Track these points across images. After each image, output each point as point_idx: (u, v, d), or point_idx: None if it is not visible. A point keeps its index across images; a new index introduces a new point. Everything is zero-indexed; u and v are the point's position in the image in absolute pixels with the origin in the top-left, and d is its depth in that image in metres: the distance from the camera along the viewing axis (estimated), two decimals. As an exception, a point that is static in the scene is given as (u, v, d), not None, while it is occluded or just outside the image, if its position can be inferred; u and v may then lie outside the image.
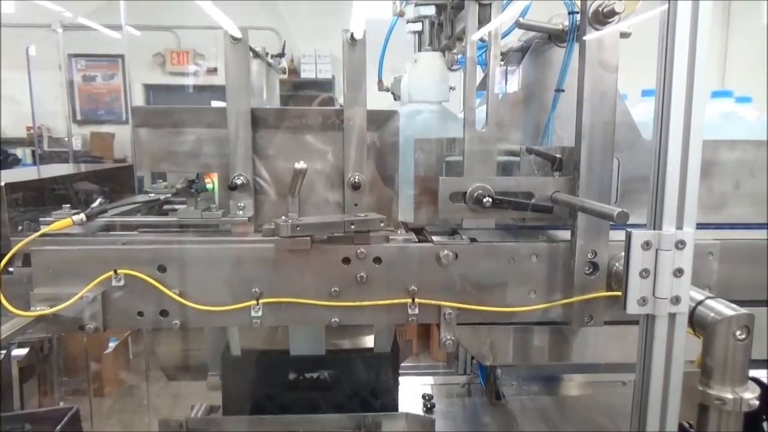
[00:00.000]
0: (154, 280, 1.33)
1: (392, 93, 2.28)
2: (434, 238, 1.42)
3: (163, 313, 1.36)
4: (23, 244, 1.33)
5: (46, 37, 5.88)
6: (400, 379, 2.39)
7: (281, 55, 2.16)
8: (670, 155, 1.01)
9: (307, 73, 7.49)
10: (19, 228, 1.41)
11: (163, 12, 7.18)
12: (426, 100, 1.73)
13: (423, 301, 1.37)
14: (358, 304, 1.37)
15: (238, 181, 1.42)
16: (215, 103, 1.62)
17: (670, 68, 0.99)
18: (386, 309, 1.38)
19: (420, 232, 1.50)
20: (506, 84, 1.72)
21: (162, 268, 1.34)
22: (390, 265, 1.37)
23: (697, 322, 1.09)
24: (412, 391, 2.48)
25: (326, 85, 7.47)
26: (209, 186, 1.48)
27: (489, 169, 1.39)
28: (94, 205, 1.49)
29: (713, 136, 1.51)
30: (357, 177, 1.44)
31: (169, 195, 1.76)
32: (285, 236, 1.29)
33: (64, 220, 1.36)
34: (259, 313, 1.35)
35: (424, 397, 2.39)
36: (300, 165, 1.28)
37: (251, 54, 1.66)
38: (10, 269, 1.35)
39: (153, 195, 1.81)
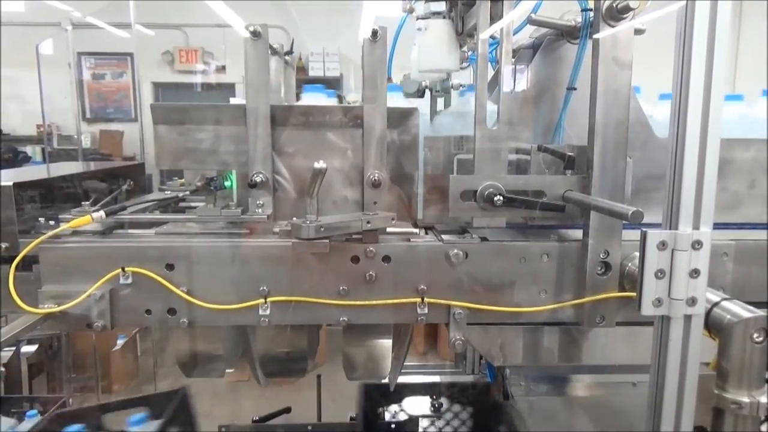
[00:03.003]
0: (161, 278, 1.33)
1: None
2: (444, 236, 1.41)
3: (171, 311, 1.35)
4: (44, 238, 1.32)
5: (55, 36, 5.90)
6: (408, 378, 2.38)
7: (290, 52, 2.15)
8: (687, 154, 0.98)
9: (315, 71, 7.50)
10: (36, 223, 1.41)
11: (171, 10, 7.21)
12: (435, 69, 1.70)
13: (432, 300, 1.36)
14: (367, 303, 1.36)
15: (258, 179, 1.41)
16: (234, 100, 1.61)
17: (688, 66, 0.97)
18: (395, 308, 1.37)
19: (429, 231, 1.49)
20: (515, 81, 1.70)
21: (170, 266, 1.34)
22: (399, 264, 1.36)
23: (712, 324, 1.07)
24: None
25: (334, 82, 7.47)
26: (228, 184, 1.48)
27: (500, 167, 1.37)
28: (108, 199, 1.48)
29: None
30: (377, 175, 1.42)
31: (187, 192, 1.76)
32: (306, 238, 1.27)
33: (83, 218, 1.34)
34: (267, 312, 1.34)
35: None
36: (319, 165, 1.25)
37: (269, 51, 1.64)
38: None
39: (170, 192, 1.80)
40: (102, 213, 1.37)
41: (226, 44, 7.28)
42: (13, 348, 3.68)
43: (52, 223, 1.40)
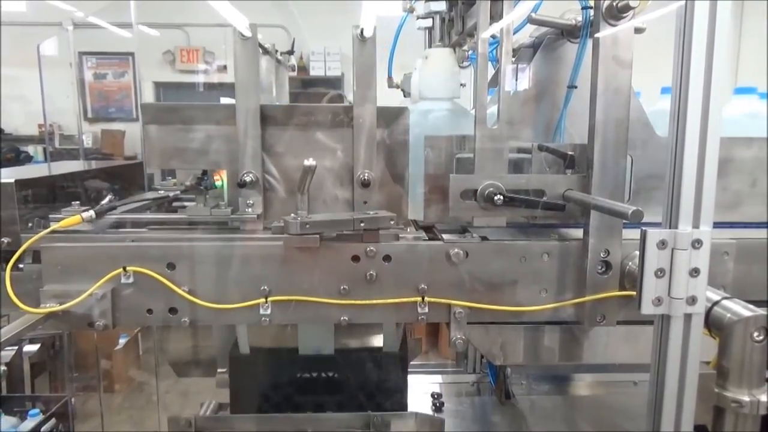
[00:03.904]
0: (163, 277, 1.33)
1: (402, 90, 2.27)
2: (444, 236, 1.41)
3: (172, 310, 1.36)
4: (33, 240, 1.33)
5: (57, 36, 5.92)
6: (409, 377, 2.38)
7: (291, 52, 2.15)
8: (687, 152, 0.98)
9: (316, 70, 7.51)
10: (29, 225, 1.41)
11: (172, 10, 7.21)
12: (437, 97, 1.72)
13: (433, 299, 1.36)
14: (367, 302, 1.36)
15: (247, 179, 1.42)
16: (224, 100, 1.61)
17: (688, 64, 0.97)
18: (396, 307, 1.37)
19: (430, 230, 1.49)
20: (516, 80, 1.71)
21: (171, 266, 1.34)
22: (400, 264, 1.36)
23: (713, 323, 1.07)
24: (421, 389, 2.47)
25: (335, 82, 7.47)
26: (218, 183, 1.48)
27: (500, 166, 1.37)
28: (104, 202, 1.49)
29: (737, 134, 1.49)
30: (366, 174, 1.42)
31: (179, 192, 1.76)
32: (294, 234, 1.28)
33: (73, 217, 1.36)
34: (268, 311, 1.35)
35: (433, 395, 2.38)
36: (309, 162, 1.27)
37: (260, 51, 1.65)
38: (20, 265, 1.36)
39: (162, 192, 1.80)
40: (92, 213, 1.38)
41: (227, 44, 7.26)
42: (15, 347, 3.69)
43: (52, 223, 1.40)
